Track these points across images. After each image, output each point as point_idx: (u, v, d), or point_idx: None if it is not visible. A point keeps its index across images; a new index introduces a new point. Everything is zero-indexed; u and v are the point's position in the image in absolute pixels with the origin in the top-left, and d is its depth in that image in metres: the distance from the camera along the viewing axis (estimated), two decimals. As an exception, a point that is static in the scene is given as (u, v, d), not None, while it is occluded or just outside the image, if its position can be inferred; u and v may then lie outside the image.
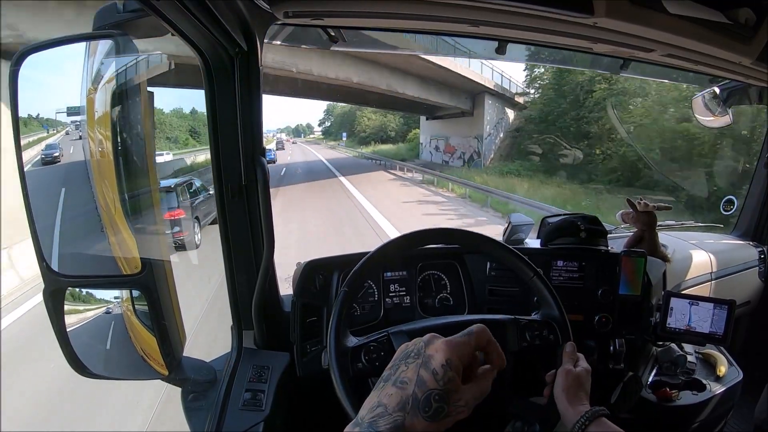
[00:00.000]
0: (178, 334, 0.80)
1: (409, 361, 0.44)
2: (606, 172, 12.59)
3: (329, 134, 58.53)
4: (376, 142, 34.69)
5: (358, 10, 0.89)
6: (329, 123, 62.55)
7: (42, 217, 0.72)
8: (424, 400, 0.41)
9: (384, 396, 0.42)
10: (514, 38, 1.09)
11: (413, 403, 0.41)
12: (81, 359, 0.75)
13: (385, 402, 0.41)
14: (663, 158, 9.59)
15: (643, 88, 11.94)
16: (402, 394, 0.42)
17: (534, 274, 0.79)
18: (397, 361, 0.46)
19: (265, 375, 0.93)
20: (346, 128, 44.85)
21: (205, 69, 0.83)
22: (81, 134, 0.77)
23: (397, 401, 0.41)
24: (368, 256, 0.76)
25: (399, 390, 0.42)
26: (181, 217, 5.58)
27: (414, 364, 0.44)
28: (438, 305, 1.14)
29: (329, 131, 60.14)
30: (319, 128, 62.91)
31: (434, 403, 0.41)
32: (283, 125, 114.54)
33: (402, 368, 0.44)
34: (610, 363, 1.13)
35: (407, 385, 0.42)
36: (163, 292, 0.75)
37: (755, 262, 1.66)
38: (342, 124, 48.40)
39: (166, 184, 6.39)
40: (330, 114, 60.90)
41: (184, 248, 5.39)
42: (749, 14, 0.88)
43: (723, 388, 1.18)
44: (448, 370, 0.43)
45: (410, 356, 0.45)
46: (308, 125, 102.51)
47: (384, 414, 0.41)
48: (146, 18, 0.72)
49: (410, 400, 0.41)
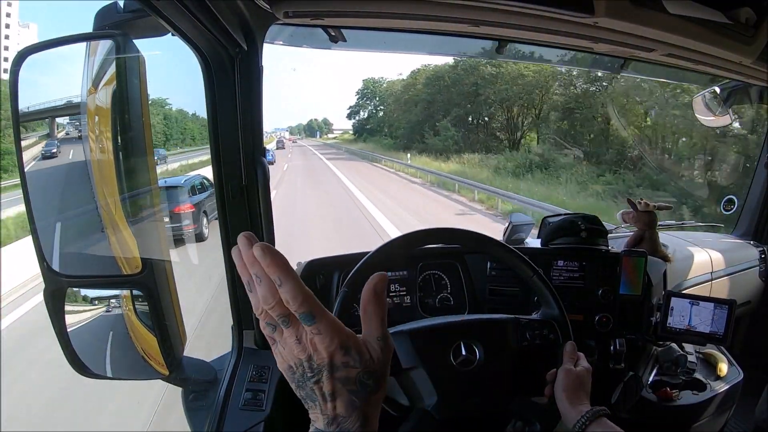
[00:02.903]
0: (178, 334, 0.80)
1: (313, 379, 0.41)
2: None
3: (365, 133, 36.19)
4: (467, 151, 18.89)
5: (358, 10, 0.89)
6: (365, 114, 37.31)
7: (42, 216, 0.72)
8: (360, 388, 0.41)
9: (329, 412, 0.41)
10: (514, 38, 1.09)
11: (357, 397, 0.41)
12: (81, 359, 0.75)
13: (338, 413, 0.41)
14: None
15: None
16: (341, 401, 0.41)
17: (534, 273, 0.80)
18: (300, 383, 0.42)
19: (266, 375, 0.93)
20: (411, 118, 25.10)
21: (205, 69, 0.83)
22: (80, 134, 0.77)
23: (344, 406, 0.41)
24: (369, 256, 0.76)
25: (334, 401, 0.41)
26: (191, 211, 5.87)
27: (323, 376, 0.40)
28: (438, 305, 1.14)
29: (362, 129, 37.24)
30: (348, 122, 40.23)
31: (367, 381, 0.41)
32: (294, 123, 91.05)
33: (312, 387, 0.41)
34: (610, 363, 1.13)
35: (337, 393, 0.40)
36: (163, 292, 0.75)
37: (755, 262, 1.66)
38: (398, 112, 28.07)
39: (175, 181, 6.74)
40: (368, 96, 36.88)
41: (193, 240, 5.60)
42: (749, 14, 0.88)
43: (723, 387, 1.18)
44: (352, 355, 0.40)
45: (307, 377, 0.41)
46: (325, 121, 76.99)
47: (345, 419, 0.40)
48: (146, 18, 0.73)
49: (352, 398, 0.41)
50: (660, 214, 1.37)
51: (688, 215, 4.98)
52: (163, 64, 1.04)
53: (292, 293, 0.38)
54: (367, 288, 0.43)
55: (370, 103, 38.76)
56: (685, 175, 8.52)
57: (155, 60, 0.76)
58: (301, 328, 0.40)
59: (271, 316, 0.40)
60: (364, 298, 0.43)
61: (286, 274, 0.38)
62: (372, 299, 0.43)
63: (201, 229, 5.88)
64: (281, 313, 0.39)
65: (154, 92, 1.71)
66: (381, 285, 0.44)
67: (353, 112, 40.10)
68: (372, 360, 0.42)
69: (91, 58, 0.71)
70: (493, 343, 0.76)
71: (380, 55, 9.63)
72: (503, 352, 0.76)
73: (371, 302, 0.43)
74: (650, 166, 10.99)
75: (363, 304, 0.43)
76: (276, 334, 0.42)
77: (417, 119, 24.14)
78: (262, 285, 0.39)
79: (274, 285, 0.38)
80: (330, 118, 76.66)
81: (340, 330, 0.40)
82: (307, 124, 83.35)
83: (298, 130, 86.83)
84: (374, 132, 34.85)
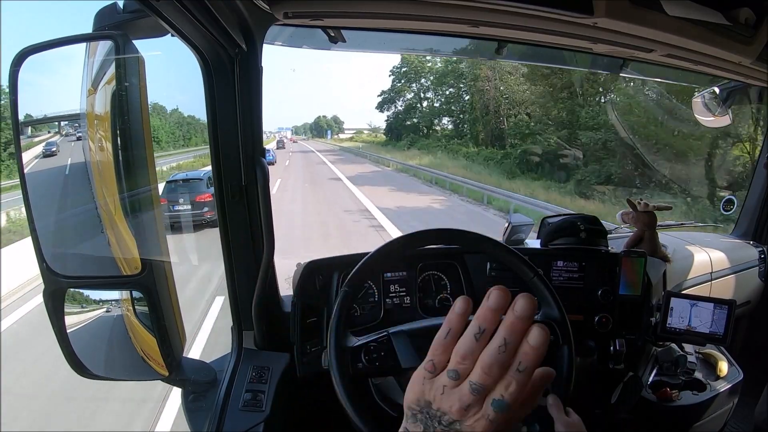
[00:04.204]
0: (178, 335, 0.80)
1: (440, 428, 0.37)
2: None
3: (405, 132, 26.59)
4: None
5: (357, 11, 0.89)
6: (401, 104, 27.13)
7: (42, 217, 0.72)
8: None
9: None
10: (513, 38, 1.09)
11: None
12: (81, 360, 0.75)
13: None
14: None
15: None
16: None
17: (534, 274, 0.79)
18: (424, 417, 0.39)
19: (265, 375, 0.93)
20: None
21: (205, 69, 0.83)
22: (79, 135, 0.77)
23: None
24: (368, 257, 0.76)
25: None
26: (210, 200, 6.60)
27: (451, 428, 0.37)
28: (438, 305, 1.14)
29: (400, 126, 27.24)
30: (363, 120, 32.00)
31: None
32: (300, 122, 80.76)
33: (435, 427, 0.38)
34: (610, 363, 1.13)
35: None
36: (163, 293, 0.75)
37: (755, 262, 1.66)
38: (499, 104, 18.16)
39: (196, 174, 7.71)
40: (410, 78, 26.30)
41: (213, 225, 6.04)
42: (749, 14, 0.88)
43: (723, 388, 1.18)
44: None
45: (437, 423, 0.37)
46: (335, 118, 65.17)
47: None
48: (146, 18, 0.73)
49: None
50: (660, 215, 1.37)
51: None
52: (163, 64, 1.04)
53: (522, 386, 0.35)
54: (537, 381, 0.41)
55: (411, 87, 27.00)
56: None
57: (155, 60, 0.76)
58: (479, 405, 0.36)
59: (468, 372, 0.36)
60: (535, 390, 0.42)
61: (535, 368, 0.35)
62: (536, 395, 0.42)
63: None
64: (485, 384, 0.35)
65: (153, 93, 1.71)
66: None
67: (386, 100, 28.27)
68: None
69: (91, 58, 0.71)
70: None
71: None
72: None
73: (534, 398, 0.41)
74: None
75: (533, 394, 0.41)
76: (449, 381, 0.37)
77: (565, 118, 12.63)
78: (502, 355, 0.35)
79: (510, 363, 0.35)
80: (340, 116, 68.39)
81: (508, 429, 0.37)
82: (314, 122, 72.14)
83: (304, 129, 76.46)
84: (417, 130, 25.66)
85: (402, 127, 28.39)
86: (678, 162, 9.18)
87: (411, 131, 27.50)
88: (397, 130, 28.85)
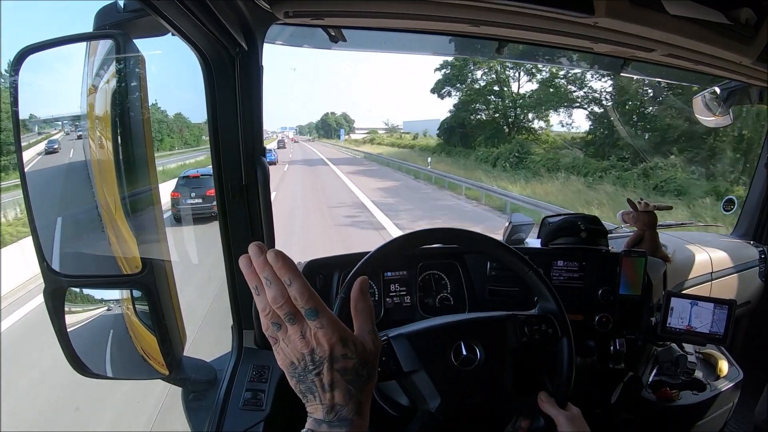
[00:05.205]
0: (178, 334, 0.80)
1: (314, 371, 0.45)
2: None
3: (465, 133, 18.72)
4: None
5: (358, 10, 0.88)
6: (456, 93, 19.29)
7: (42, 216, 0.72)
8: (356, 377, 0.46)
9: (327, 401, 0.45)
10: (514, 38, 1.09)
11: (353, 386, 0.45)
12: (81, 359, 0.75)
13: (336, 402, 0.45)
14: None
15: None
16: (339, 390, 0.45)
17: (529, 269, 0.80)
18: (301, 377, 0.46)
19: (266, 375, 0.93)
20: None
21: (205, 69, 0.83)
22: (80, 133, 0.77)
23: (342, 395, 0.45)
24: (368, 257, 0.76)
25: (332, 391, 0.45)
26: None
27: (324, 368, 0.44)
28: (438, 305, 1.14)
29: (458, 125, 19.04)
30: (374, 120, 23.27)
31: (362, 371, 0.46)
32: (305, 122, 73.94)
33: (313, 379, 0.45)
34: (610, 363, 1.13)
35: (336, 383, 0.45)
36: (163, 292, 0.75)
37: (755, 262, 1.66)
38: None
39: (208, 170, 7.85)
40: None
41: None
42: (749, 14, 0.88)
43: (723, 388, 1.18)
44: (350, 347, 0.45)
45: (308, 369, 0.45)
46: (345, 116, 57.97)
47: (343, 408, 0.45)
48: (146, 18, 0.73)
49: (349, 387, 0.45)
50: (660, 215, 1.37)
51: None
52: (163, 64, 1.04)
53: (301, 290, 0.43)
54: (354, 289, 0.49)
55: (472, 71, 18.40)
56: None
57: (155, 60, 0.76)
58: (306, 325, 0.44)
59: (277, 316, 0.44)
60: (354, 298, 0.49)
61: (296, 274, 0.43)
62: (360, 298, 0.49)
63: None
64: (289, 311, 0.44)
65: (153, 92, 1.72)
66: (365, 285, 0.50)
67: (446, 78, 19.13)
68: (366, 351, 0.47)
69: (91, 57, 0.71)
70: (493, 341, 0.76)
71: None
72: (503, 350, 0.76)
73: (360, 300, 0.49)
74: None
75: (353, 303, 0.49)
76: (280, 333, 0.45)
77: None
78: (272, 287, 0.43)
79: (284, 286, 0.43)
80: (350, 114, 59.99)
81: (339, 325, 0.45)
82: (320, 120, 63.81)
83: (309, 129, 70.26)
84: (497, 131, 17.32)
85: (459, 125, 18.02)
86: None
87: (489, 132, 17.59)
88: (464, 131, 18.15)
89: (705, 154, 11.42)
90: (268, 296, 0.44)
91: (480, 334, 0.76)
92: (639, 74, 1.47)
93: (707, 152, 11.43)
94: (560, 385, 0.76)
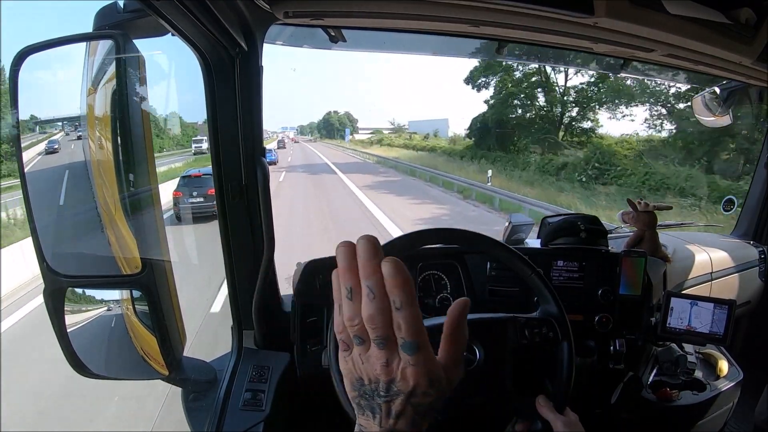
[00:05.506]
0: (178, 334, 0.80)
1: (385, 398, 0.38)
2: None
3: (502, 134, 14.98)
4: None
5: (358, 11, 0.88)
6: (491, 78, 15.25)
7: (42, 216, 0.72)
8: (428, 410, 0.40)
9: (388, 426, 0.39)
10: (514, 38, 1.09)
11: (420, 416, 0.39)
12: (81, 359, 0.75)
13: (398, 428, 0.39)
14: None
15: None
16: (405, 419, 0.39)
17: (532, 271, 0.80)
18: (366, 396, 0.39)
19: (266, 375, 0.93)
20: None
21: (205, 69, 0.83)
22: (80, 134, 0.77)
23: (406, 424, 0.39)
24: None
25: (398, 419, 0.39)
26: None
27: (398, 399, 0.38)
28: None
29: (489, 122, 15.37)
30: (378, 121, 21.29)
31: (437, 406, 0.40)
32: (306, 121, 70.47)
33: (380, 404, 0.39)
34: (610, 363, 1.13)
35: (405, 414, 0.39)
36: (163, 292, 0.75)
37: (755, 262, 1.66)
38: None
39: (208, 171, 8.02)
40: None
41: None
42: (749, 14, 0.88)
43: (723, 388, 1.18)
44: (435, 386, 0.38)
45: (379, 395, 0.39)
46: (348, 115, 53.80)
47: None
48: (146, 18, 0.73)
49: (416, 418, 0.39)
50: (660, 214, 1.37)
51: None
52: (162, 64, 1.04)
53: (410, 320, 0.36)
54: (454, 312, 0.41)
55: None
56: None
57: (155, 60, 0.76)
58: (396, 355, 0.37)
59: (365, 332, 0.37)
60: (453, 323, 0.41)
61: (411, 299, 0.36)
62: (460, 324, 0.41)
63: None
64: (384, 335, 0.36)
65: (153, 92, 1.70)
66: (466, 309, 0.41)
67: (485, 66, 16.01)
68: (449, 386, 0.40)
69: (91, 58, 0.71)
70: (493, 342, 0.76)
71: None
72: (503, 351, 0.76)
73: (459, 328, 0.41)
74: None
75: (450, 327, 0.41)
76: (359, 348, 0.38)
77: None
78: (374, 303, 0.35)
79: (390, 306, 0.36)
80: (353, 113, 55.64)
81: (434, 363, 0.38)
82: (323, 119, 58.91)
83: (311, 128, 66.81)
84: (544, 135, 14.16)
85: (508, 124, 14.95)
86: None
87: (536, 133, 14.65)
88: (502, 131, 15.59)
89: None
90: (363, 311, 0.36)
91: (480, 335, 0.76)
92: (639, 74, 1.47)
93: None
94: (559, 388, 0.76)
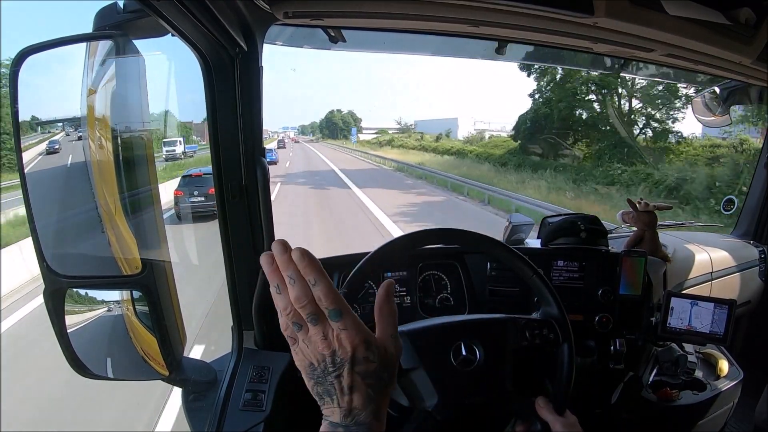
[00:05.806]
0: (178, 335, 0.80)
1: (334, 373, 0.43)
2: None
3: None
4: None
5: (358, 11, 0.89)
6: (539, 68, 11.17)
7: (42, 216, 0.72)
8: (377, 381, 0.45)
9: (345, 405, 0.44)
10: (514, 38, 1.09)
11: (373, 390, 0.44)
12: (81, 359, 0.74)
13: (355, 405, 0.44)
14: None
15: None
16: (358, 394, 0.44)
17: (533, 273, 0.80)
18: (320, 379, 0.44)
19: (266, 375, 0.93)
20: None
21: (205, 69, 0.83)
22: (80, 134, 0.77)
23: (361, 399, 0.44)
24: (368, 257, 0.76)
25: (351, 395, 0.44)
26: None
27: (344, 370, 0.43)
28: (438, 305, 1.14)
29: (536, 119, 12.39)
30: (383, 121, 19.22)
31: (383, 375, 0.45)
32: (308, 121, 68.63)
33: (332, 381, 0.44)
34: (610, 363, 1.13)
35: (355, 386, 0.44)
36: (163, 293, 0.75)
37: (755, 262, 1.66)
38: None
39: (209, 170, 8.16)
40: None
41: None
42: (749, 14, 0.88)
43: (723, 387, 1.18)
44: (372, 350, 0.44)
45: (328, 371, 0.44)
46: (351, 114, 51.76)
47: (360, 412, 0.44)
48: (146, 18, 0.73)
49: (369, 391, 0.44)
50: (660, 214, 1.37)
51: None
52: (162, 64, 1.04)
53: (326, 291, 0.42)
54: (380, 292, 0.48)
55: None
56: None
57: (155, 60, 0.76)
58: (328, 325, 0.43)
59: (299, 315, 0.43)
60: (379, 301, 0.48)
61: (321, 274, 0.43)
62: (385, 301, 0.48)
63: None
64: (312, 311, 0.43)
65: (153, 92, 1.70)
66: (391, 288, 0.49)
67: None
68: (388, 355, 0.46)
69: (91, 58, 0.71)
70: (493, 342, 0.76)
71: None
72: (503, 352, 0.76)
73: (385, 304, 0.48)
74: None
75: (378, 306, 0.48)
76: (300, 333, 0.44)
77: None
78: (296, 286, 0.42)
79: (308, 285, 0.42)
80: (357, 113, 52.94)
81: (363, 327, 0.44)
82: (325, 118, 55.66)
83: (312, 128, 64.81)
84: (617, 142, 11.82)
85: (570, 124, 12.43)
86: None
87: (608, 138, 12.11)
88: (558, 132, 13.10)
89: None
90: (290, 295, 0.43)
91: (480, 336, 0.76)
92: (639, 74, 1.47)
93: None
94: (559, 390, 0.76)
